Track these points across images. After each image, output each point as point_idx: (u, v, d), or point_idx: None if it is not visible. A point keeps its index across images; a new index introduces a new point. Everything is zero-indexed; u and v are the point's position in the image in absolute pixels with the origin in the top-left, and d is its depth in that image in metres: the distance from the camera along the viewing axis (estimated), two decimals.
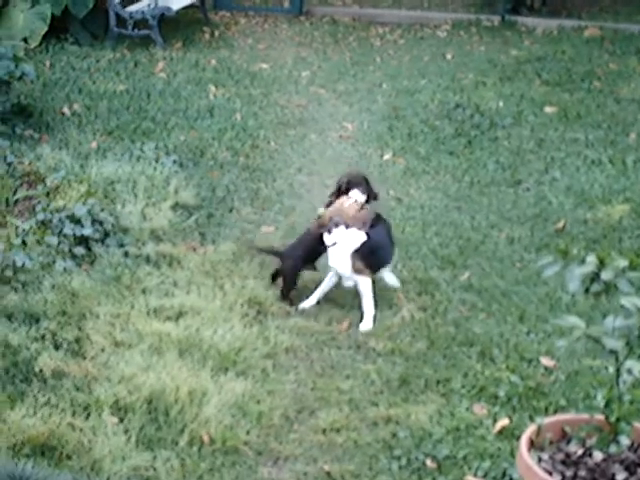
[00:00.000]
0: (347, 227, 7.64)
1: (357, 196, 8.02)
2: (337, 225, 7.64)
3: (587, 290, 4.65)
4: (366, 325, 7.69)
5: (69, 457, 5.91)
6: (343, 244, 7.68)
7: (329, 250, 7.76)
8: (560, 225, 9.55)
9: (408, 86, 14.11)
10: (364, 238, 7.71)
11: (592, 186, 10.54)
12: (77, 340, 7.26)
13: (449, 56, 15.70)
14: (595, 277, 4.62)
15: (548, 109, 12.98)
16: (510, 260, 8.93)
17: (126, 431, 6.15)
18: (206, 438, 6.13)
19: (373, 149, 11.72)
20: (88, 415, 6.30)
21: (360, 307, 7.80)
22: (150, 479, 5.70)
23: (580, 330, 4.67)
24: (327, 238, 7.72)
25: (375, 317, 7.72)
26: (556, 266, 4.71)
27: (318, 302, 8.00)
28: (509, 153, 11.55)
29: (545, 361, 7.13)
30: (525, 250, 9.12)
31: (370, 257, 7.79)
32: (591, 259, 4.64)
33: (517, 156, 11.46)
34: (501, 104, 13.14)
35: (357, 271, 7.76)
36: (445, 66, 15.20)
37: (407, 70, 14.99)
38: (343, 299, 8.14)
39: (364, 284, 7.78)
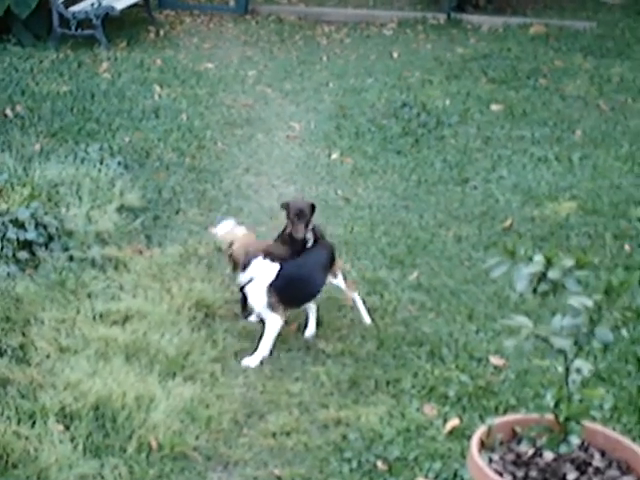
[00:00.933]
0: (264, 258, 7.18)
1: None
2: (253, 258, 7.19)
3: (535, 290, 4.65)
4: (250, 361, 7.08)
5: (15, 466, 5.80)
6: (258, 278, 7.20)
7: (246, 288, 7.26)
8: (507, 223, 9.58)
9: (355, 85, 14.11)
10: (277, 269, 7.18)
11: (539, 184, 10.59)
12: (22, 346, 7.14)
13: (395, 54, 15.73)
14: (542, 276, 4.61)
15: (494, 107, 13.04)
16: (458, 259, 8.93)
17: (72, 439, 6.05)
18: (154, 444, 6.04)
19: (320, 148, 11.69)
20: (34, 423, 6.18)
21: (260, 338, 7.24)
22: None
23: (528, 329, 4.66)
24: (242, 276, 7.28)
25: (263, 360, 7.12)
26: (504, 266, 4.69)
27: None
28: (456, 151, 11.57)
29: (494, 360, 7.13)
30: (473, 249, 9.13)
31: (285, 291, 7.19)
32: (538, 258, 4.63)
33: (464, 154, 11.49)
34: (447, 102, 13.17)
35: (270, 306, 7.15)
36: (392, 64, 15.22)
37: (354, 69, 14.98)
38: None
39: (271, 322, 7.14)
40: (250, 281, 7.20)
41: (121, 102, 12.85)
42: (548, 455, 4.78)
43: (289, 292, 7.21)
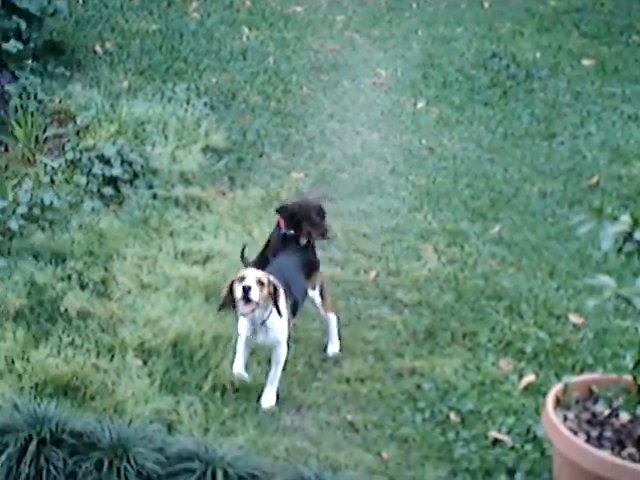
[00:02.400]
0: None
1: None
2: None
3: (620, 249, 4.58)
4: (268, 401, 6.07)
5: (92, 398, 5.90)
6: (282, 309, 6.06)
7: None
8: (594, 180, 9.43)
9: (444, 33, 13.94)
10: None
11: (628, 142, 10.40)
12: (103, 281, 7.25)
13: (486, 4, 15.48)
14: (628, 236, 4.55)
15: (585, 62, 12.79)
16: (542, 214, 8.83)
17: (150, 374, 6.14)
18: (229, 384, 6.10)
19: (406, 97, 11.60)
20: (112, 357, 6.29)
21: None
22: (173, 423, 5.68)
23: (611, 289, 4.60)
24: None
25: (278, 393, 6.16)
26: (589, 224, 4.63)
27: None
28: (544, 105, 11.39)
29: (574, 318, 7.05)
30: (557, 205, 9.02)
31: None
32: (625, 218, 4.57)
33: (552, 109, 11.31)
34: (538, 55, 12.95)
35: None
36: (482, 14, 14.99)
37: (443, 17, 14.79)
38: (371, 250, 8.10)
39: (284, 352, 6.19)
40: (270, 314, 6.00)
41: (209, 43, 12.85)
42: (624, 416, 4.75)
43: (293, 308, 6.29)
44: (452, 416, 5.95)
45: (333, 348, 6.59)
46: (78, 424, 5.20)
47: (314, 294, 6.57)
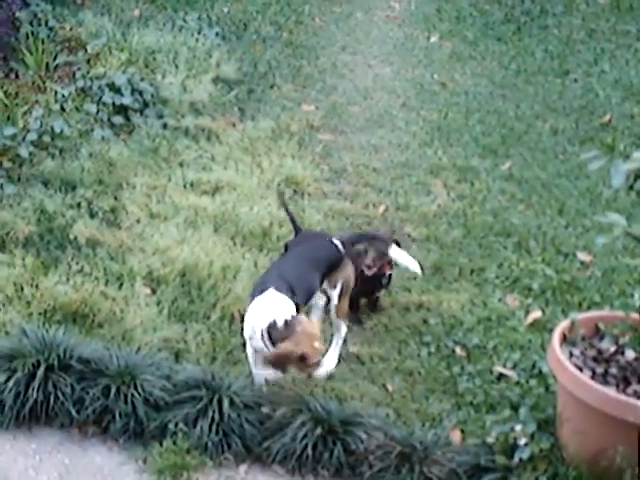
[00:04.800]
0: None
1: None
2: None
3: (631, 187, 4.55)
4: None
5: (100, 325, 5.93)
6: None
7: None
8: (606, 119, 9.38)
9: None
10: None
11: None
12: (113, 210, 7.25)
13: None
14: None
15: None
16: (553, 152, 8.80)
17: (158, 303, 6.16)
18: (237, 314, 6.12)
19: (420, 31, 11.52)
20: (121, 285, 6.31)
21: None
22: (180, 351, 5.71)
23: (620, 228, 4.57)
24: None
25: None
26: (601, 160, 4.60)
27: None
28: (558, 42, 11.31)
29: (582, 256, 7.05)
30: (569, 142, 8.98)
31: None
32: (637, 155, 4.53)
33: (566, 46, 11.22)
34: None
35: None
36: None
37: None
38: (381, 184, 8.08)
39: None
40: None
41: None
42: (630, 354, 4.75)
43: None
44: (458, 350, 5.98)
45: (326, 366, 5.23)
46: (86, 351, 5.25)
47: (333, 293, 5.68)
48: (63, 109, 8.44)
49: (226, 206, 7.34)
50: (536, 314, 6.31)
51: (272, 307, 5.02)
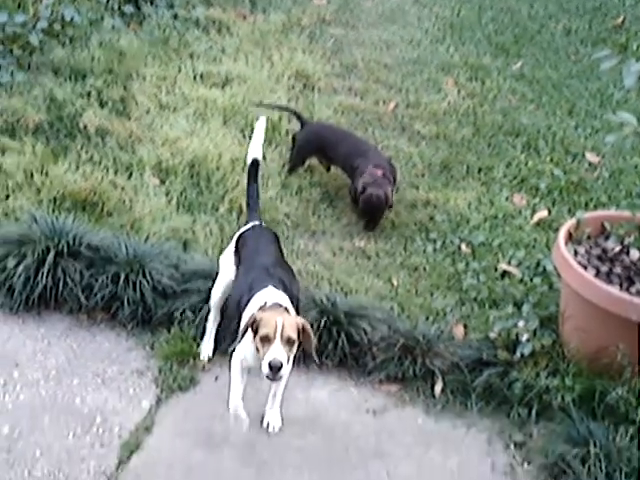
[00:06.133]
0: None
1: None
2: None
3: None
4: (277, 421, 4.56)
5: (110, 214, 5.95)
6: None
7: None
8: (619, 20, 9.27)
9: None
10: None
11: None
12: (122, 99, 7.23)
13: None
14: None
15: None
16: (565, 52, 8.73)
17: (167, 193, 6.18)
18: (245, 206, 6.12)
19: None
20: (130, 175, 6.32)
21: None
22: (188, 241, 5.74)
23: (631, 127, 4.56)
24: None
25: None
26: (613, 60, 4.57)
27: None
28: None
29: (590, 157, 7.05)
30: (581, 43, 8.90)
31: None
32: None
33: None
34: None
35: None
36: None
37: None
38: (392, 81, 8.03)
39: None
40: None
41: None
42: (635, 253, 4.78)
43: None
44: (463, 247, 6.01)
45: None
46: (95, 239, 5.28)
47: None
48: None
49: (236, 99, 7.31)
50: (542, 213, 6.33)
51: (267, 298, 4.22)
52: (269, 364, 3.90)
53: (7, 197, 5.95)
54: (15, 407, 4.49)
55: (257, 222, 4.92)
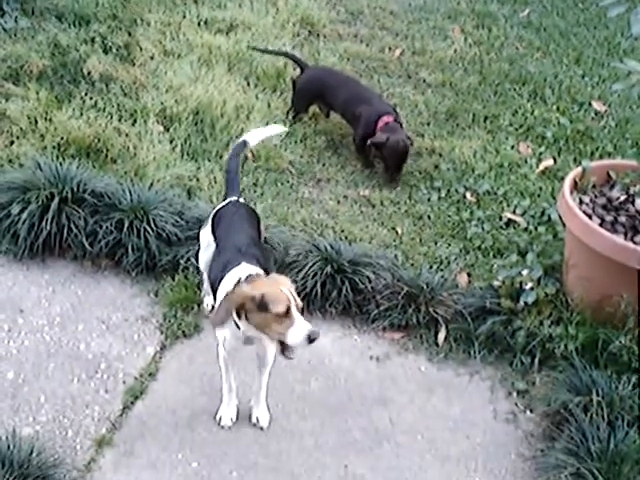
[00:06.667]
0: None
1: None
2: None
3: None
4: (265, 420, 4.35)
5: (114, 161, 5.94)
6: None
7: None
8: None
9: None
10: None
11: None
12: (126, 46, 7.18)
13: None
14: None
15: None
16: (573, 0, 8.65)
17: (171, 140, 6.16)
18: (250, 155, 6.13)
19: None
20: (134, 121, 6.29)
21: None
22: (192, 189, 5.73)
23: (638, 75, 4.52)
24: None
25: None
26: (622, 6, 4.51)
27: None
28: None
29: (597, 105, 7.01)
30: None
31: None
32: None
33: None
34: None
35: None
36: None
37: None
38: (398, 28, 7.97)
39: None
40: None
41: None
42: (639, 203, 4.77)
43: None
44: (468, 196, 6.00)
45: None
46: (99, 185, 5.28)
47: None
48: None
49: (240, 45, 7.27)
50: (548, 162, 6.31)
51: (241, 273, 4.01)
52: (309, 338, 3.63)
53: (11, 143, 5.94)
54: (20, 353, 4.52)
55: (235, 198, 4.62)
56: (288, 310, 3.68)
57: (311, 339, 3.67)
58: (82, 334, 4.65)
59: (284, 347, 3.74)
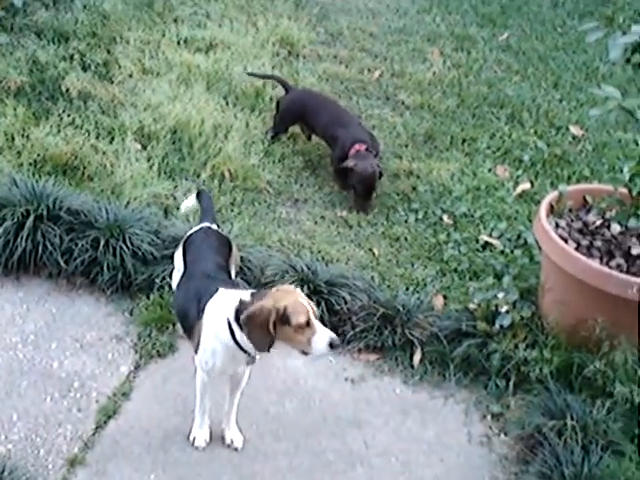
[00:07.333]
0: None
1: None
2: None
3: (628, 60, 4.52)
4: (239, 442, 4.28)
5: (91, 179, 5.91)
6: None
7: None
8: None
9: None
10: None
11: None
12: (105, 63, 7.17)
13: None
14: (638, 47, 4.47)
15: None
16: (552, 24, 8.72)
17: (149, 159, 6.14)
18: (227, 174, 6.12)
19: None
20: (112, 139, 6.28)
21: None
22: (169, 207, 5.71)
23: (615, 101, 4.55)
24: None
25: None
26: (600, 32, 4.55)
27: None
28: None
29: (574, 130, 7.04)
30: (568, 16, 8.89)
31: None
32: (636, 28, 4.48)
33: None
34: None
35: None
36: None
37: None
38: (377, 49, 7.99)
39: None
40: None
41: None
42: (615, 227, 4.78)
43: None
44: (445, 218, 6.01)
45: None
46: (75, 202, 5.25)
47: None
48: None
49: (219, 64, 7.27)
50: (525, 185, 6.33)
51: (231, 296, 3.90)
52: (331, 344, 3.67)
53: None
54: None
55: (208, 224, 4.57)
56: (309, 320, 3.71)
57: (333, 346, 3.72)
58: (56, 352, 4.62)
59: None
